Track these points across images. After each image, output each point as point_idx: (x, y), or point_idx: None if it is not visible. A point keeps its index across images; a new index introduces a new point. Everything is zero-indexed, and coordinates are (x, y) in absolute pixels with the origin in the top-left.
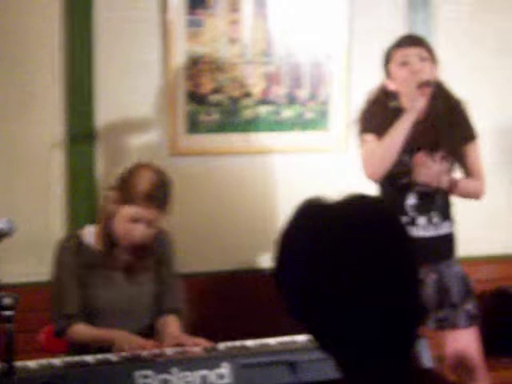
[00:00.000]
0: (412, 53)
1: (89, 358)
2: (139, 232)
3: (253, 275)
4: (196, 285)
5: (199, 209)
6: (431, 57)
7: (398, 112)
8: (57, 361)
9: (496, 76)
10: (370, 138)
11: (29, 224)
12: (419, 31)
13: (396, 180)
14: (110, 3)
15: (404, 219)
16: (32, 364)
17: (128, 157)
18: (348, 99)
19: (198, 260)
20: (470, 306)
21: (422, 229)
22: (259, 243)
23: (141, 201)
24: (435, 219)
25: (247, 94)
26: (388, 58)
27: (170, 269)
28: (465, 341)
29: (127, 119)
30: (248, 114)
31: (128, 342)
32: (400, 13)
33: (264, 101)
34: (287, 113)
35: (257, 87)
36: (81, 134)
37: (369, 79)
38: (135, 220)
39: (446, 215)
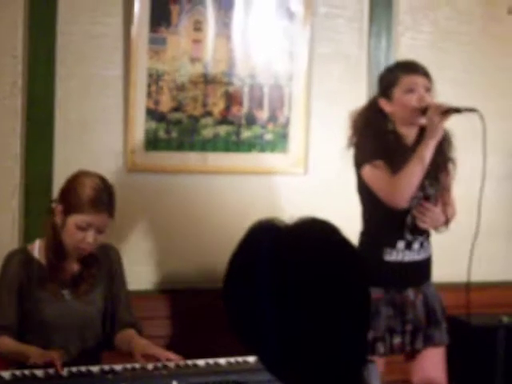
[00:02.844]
0: (420, 82)
1: (38, 372)
2: (91, 239)
3: (208, 294)
4: (148, 301)
5: (155, 225)
6: (432, 87)
7: (395, 135)
8: (6, 374)
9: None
10: (380, 163)
11: None
12: (380, 58)
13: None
14: (74, 17)
15: (401, 244)
16: None
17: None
18: (307, 122)
19: (152, 277)
20: (445, 324)
21: (417, 253)
22: (213, 262)
23: (87, 208)
24: (425, 243)
25: (207, 114)
26: (393, 82)
27: (121, 284)
28: (433, 361)
29: (86, 134)
30: (207, 133)
31: (40, 356)
32: (362, 39)
33: (224, 121)
34: (246, 133)
35: (217, 107)
36: (39, 147)
37: (329, 103)
38: (84, 228)
39: (429, 238)
